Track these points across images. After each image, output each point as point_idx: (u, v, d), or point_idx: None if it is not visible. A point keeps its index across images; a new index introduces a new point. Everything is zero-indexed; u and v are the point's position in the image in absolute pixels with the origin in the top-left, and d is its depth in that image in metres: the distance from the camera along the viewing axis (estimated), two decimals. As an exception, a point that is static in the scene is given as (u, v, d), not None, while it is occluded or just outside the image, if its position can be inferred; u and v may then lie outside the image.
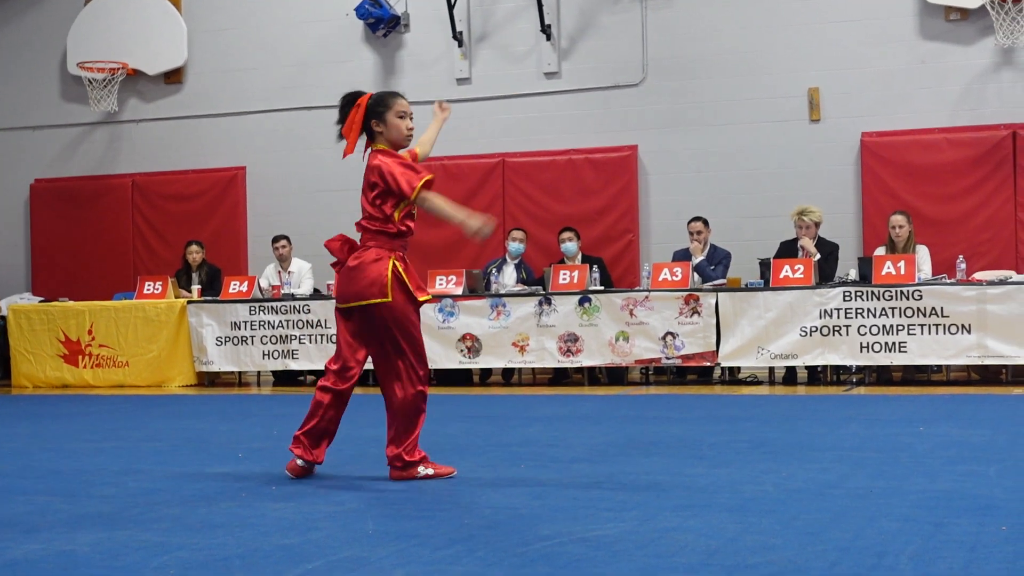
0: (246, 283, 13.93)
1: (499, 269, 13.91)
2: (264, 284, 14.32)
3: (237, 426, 9.30)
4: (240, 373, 14.22)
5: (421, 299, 6.09)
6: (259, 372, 14.11)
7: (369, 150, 6.21)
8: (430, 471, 5.98)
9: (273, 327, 13.49)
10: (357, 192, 16.90)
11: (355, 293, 5.98)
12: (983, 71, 14.12)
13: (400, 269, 5.99)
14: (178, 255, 15.57)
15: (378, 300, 5.95)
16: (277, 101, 16.62)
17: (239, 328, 13.60)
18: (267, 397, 12.77)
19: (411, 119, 6.20)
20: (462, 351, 12.83)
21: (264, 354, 13.54)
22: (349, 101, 6.22)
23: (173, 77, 17.13)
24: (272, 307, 13.53)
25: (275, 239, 14.74)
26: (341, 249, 6.15)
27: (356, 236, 6.34)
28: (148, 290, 14.20)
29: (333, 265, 6.26)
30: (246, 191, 16.78)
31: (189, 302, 13.86)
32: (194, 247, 15.02)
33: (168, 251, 16.66)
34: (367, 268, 5.97)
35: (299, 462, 6.09)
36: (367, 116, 6.14)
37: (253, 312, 13.58)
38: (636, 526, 4.61)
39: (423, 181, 5.95)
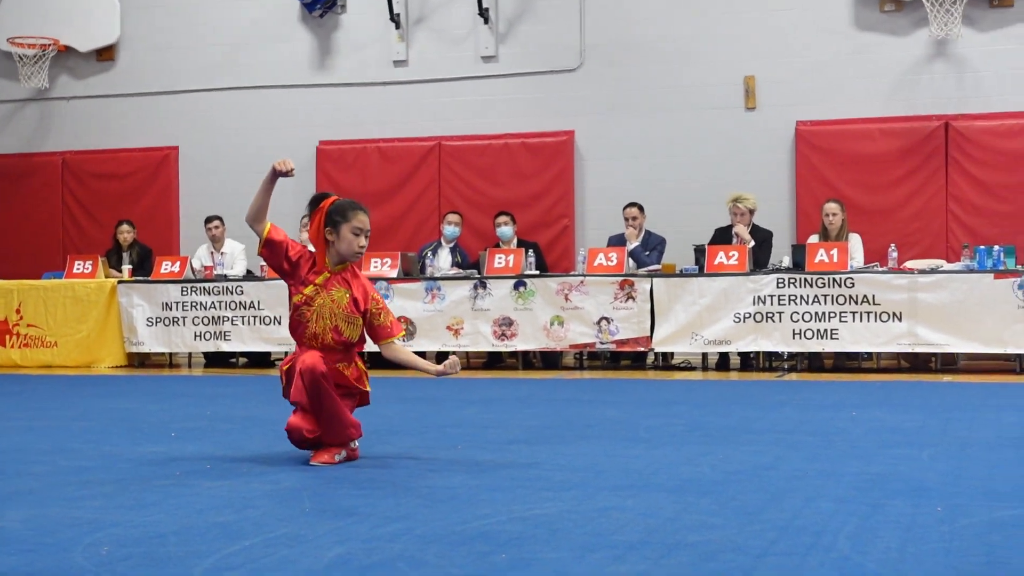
0: (178, 264, 13.79)
1: (434, 252, 13.87)
2: (196, 265, 14.18)
3: (169, 406, 9.20)
4: (171, 354, 14.08)
5: None
6: (190, 353, 13.97)
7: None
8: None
9: (205, 308, 13.36)
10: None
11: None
12: (917, 62, 14.25)
13: None
14: (109, 235, 15.38)
15: None
16: (211, 80, 16.45)
17: (170, 309, 13.46)
18: (199, 378, 12.65)
19: (366, 238, 6.01)
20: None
21: (196, 335, 13.41)
22: (314, 203, 6.15)
23: (105, 54, 16.90)
24: (204, 288, 13.40)
25: (208, 220, 14.60)
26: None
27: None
28: (78, 269, 14.01)
29: None
30: (179, 171, 16.61)
31: (120, 282, 13.70)
32: (125, 227, 14.85)
33: (98, 230, 16.45)
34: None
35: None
36: (326, 221, 6.00)
37: (185, 293, 13.45)
38: (575, 505, 4.60)
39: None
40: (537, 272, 12.81)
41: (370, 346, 6.26)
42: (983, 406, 8.54)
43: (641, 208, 13.52)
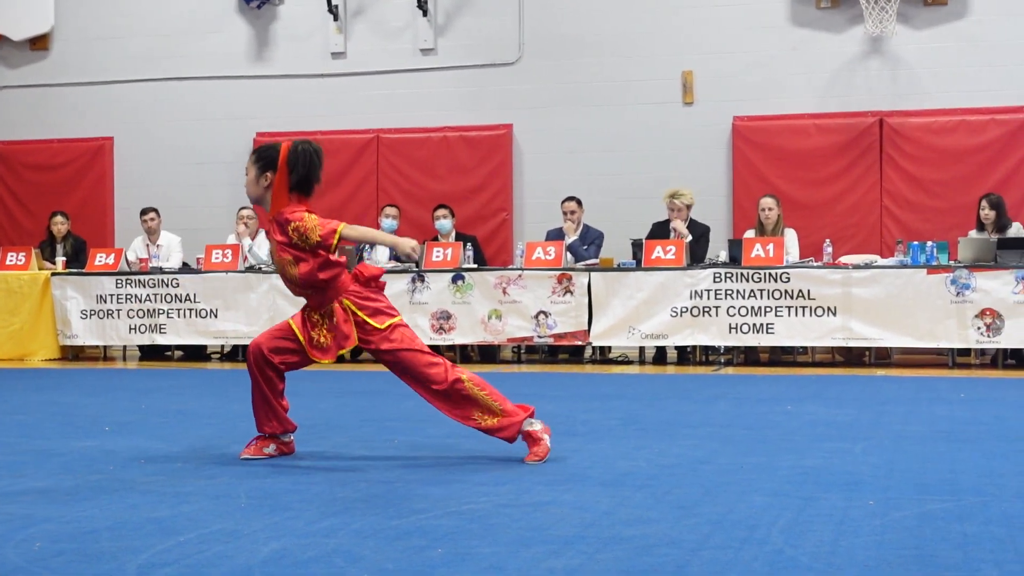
0: (113, 256, 13.65)
1: (372, 246, 13.82)
2: (131, 257, 14.05)
3: (103, 400, 9.12)
4: (105, 347, 13.95)
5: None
6: (125, 346, 13.85)
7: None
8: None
9: (140, 301, 13.25)
10: (226, 164, 16.68)
11: None
12: (852, 59, 14.37)
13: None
14: (42, 226, 15.21)
15: None
16: (147, 71, 16.30)
17: (105, 301, 13.33)
18: (133, 371, 12.54)
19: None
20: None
21: (131, 328, 13.30)
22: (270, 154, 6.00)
23: (39, 43, 16.69)
24: (139, 280, 13.29)
25: (143, 212, 14.46)
26: None
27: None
28: (11, 261, 13.83)
29: None
30: (113, 162, 16.44)
31: (53, 274, 13.55)
32: (59, 218, 14.68)
33: (32, 222, 16.26)
34: None
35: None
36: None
37: (120, 285, 13.32)
38: (511, 499, 4.62)
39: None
40: (475, 266, 12.80)
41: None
42: (916, 400, 8.64)
43: (579, 202, 13.55)
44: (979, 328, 11.41)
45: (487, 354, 13.13)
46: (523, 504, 4.53)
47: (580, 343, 12.44)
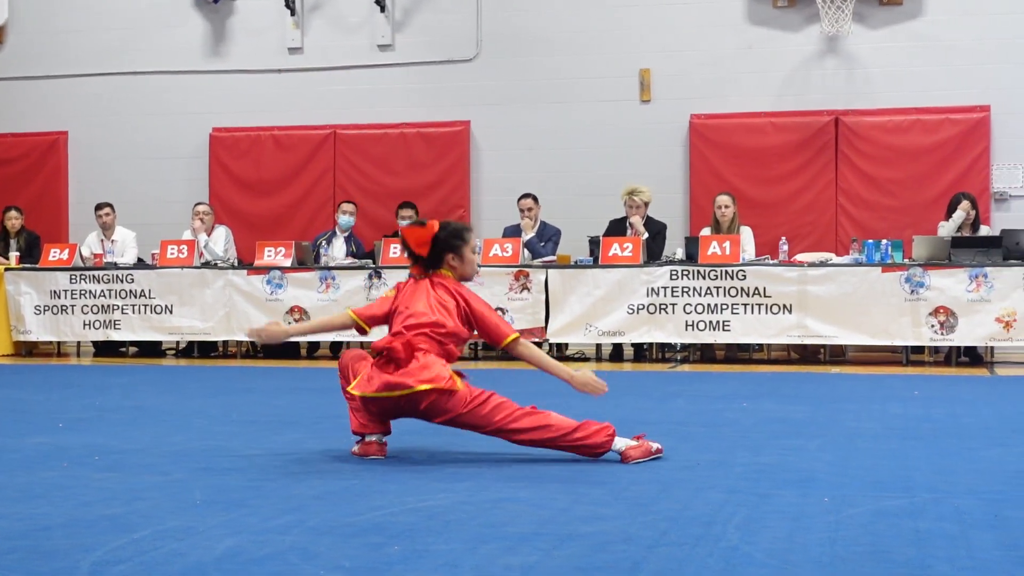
0: (67, 251, 13.55)
1: (329, 242, 13.79)
2: (86, 252, 13.94)
3: (57, 396, 9.05)
4: (59, 343, 13.85)
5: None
6: (79, 342, 13.77)
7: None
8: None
9: (95, 296, 13.16)
10: (182, 160, 16.54)
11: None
12: (808, 58, 14.45)
13: None
14: (-5, 221, 15.08)
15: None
16: (103, 65, 16.19)
17: (59, 297, 13.24)
18: (88, 368, 12.46)
19: None
20: (290, 323, 12.69)
21: (85, 324, 13.21)
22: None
23: (-7, 37, 16.58)
24: (94, 276, 13.20)
25: (98, 207, 14.36)
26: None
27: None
28: (-37, 256, 13.72)
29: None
30: (68, 157, 16.32)
31: (6, 269, 13.44)
32: (12, 213, 14.56)
33: (-15, 216, 16.12)
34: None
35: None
36: (442, 247, 5.81)
37: (74, 281, 13.23)
38: (467, 497, 4.61)
39: (509, 339, 5.90)
40: (432, 262, 12.76)
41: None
42: (870, 397, 8.69)
43: (536, 199, 13.56)
44: (933, 326, 11.51)
45: (444, 351, 13.09)
46: (480, 501, 4.53)
47: (537, 340, 12.42)
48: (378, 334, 6.35)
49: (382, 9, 15.38)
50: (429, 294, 5.78)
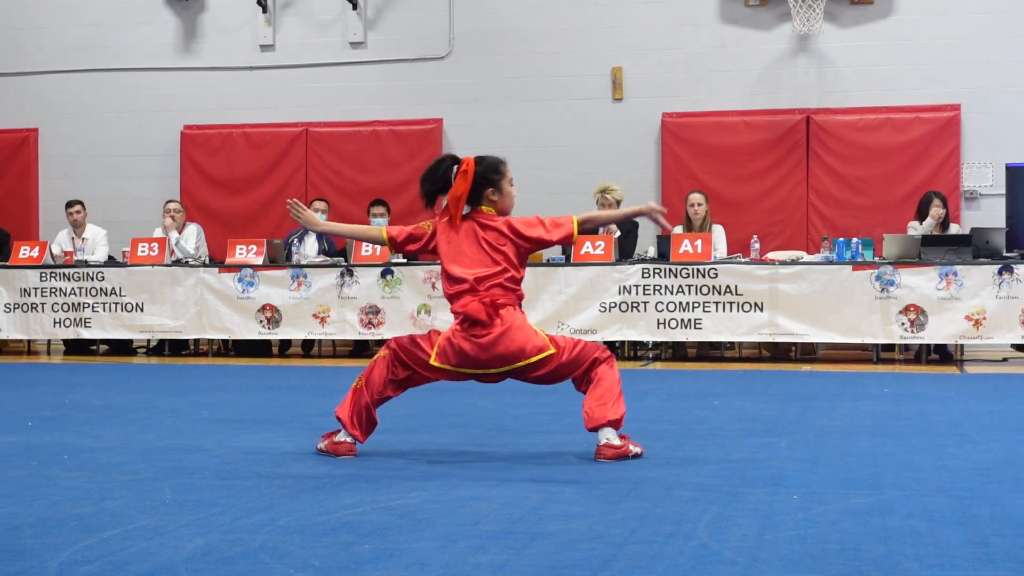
0: (37, 249, 13.48)
1: (300, 240, 13.76)
2: (56, 250, 13.87)
3: (26, 395, 9.01)
4: (29, 341, 13.78)
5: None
6: (49, 340, 13.70)
7: (465, 211, 5.81)
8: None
9: (65, 294, 13.10)
10: (153, 157, 16.48)
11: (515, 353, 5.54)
12: (780, 57, 14.49)
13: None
14: (-35, 218, 15.00)
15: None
16: (73, 62, 16.10)
17: (29, 295, 13.17)
18: (58, 366, 12.41)
19: None
20: (261, 322, 12.67)
21: (55, 322, 13.14)
22: (449, 165, 5.84)
23: (-38, 33, 16.46)
24: (64, 274, 13.14)
25: (69, 204, 14.29)
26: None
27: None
28: (-68, 254, 13.63)
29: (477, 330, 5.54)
30: (38, 154, 16.22)
31: (-24, 267, 13.37)
32: (-18, 210, 14.48)
33: (-46, 214, 16.03)
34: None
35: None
36: (480, 183, 5.78)
37: (44, 279, 13.16)
38: (439, 495, 4.61)
39: (574, 221, 5.88)
40: (404, 260, 12.77)
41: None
42: (840, 395, 8.73)
43: (508, 197, 13.54)
44: (903, 324, 11.56)
45: (416, 349, 13.08)
46: (451, 500, 4.53)
47: (509, 338, 12.43)
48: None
49: (354, 7, 15.35)
50: (480, 239, 5.67)
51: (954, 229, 12.70)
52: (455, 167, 5.77)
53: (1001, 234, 11.95)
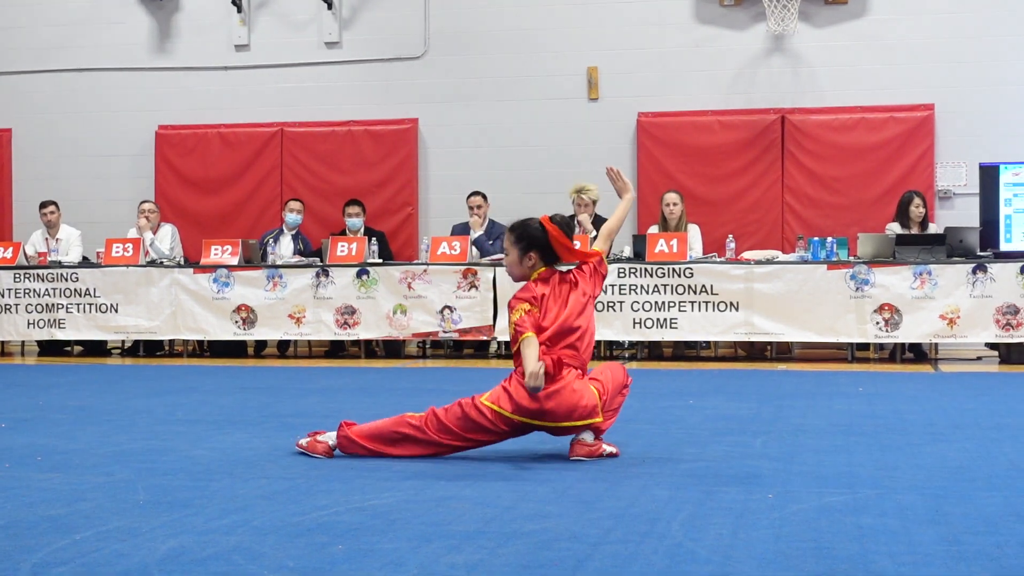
0: (11, 249, 13.41)
1: (276, 240, 13.73)
2: (30, 251, 13.81)
3: (0, 396, 8.96)
4: (3, 342, 13.71)
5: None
6: (23, 342, 13.63)
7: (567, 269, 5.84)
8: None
9: (39, 295, 13.04)
10: (128, 157, 16.44)
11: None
12: (755, 57, 14.52)
13: None
14: (-62, 219, 14.91)
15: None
16: (47, 62, 16.02)
17: (3, 296, 13.10)
18: (31, 367, 12.35)
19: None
20: (237, 322, 12.64)
21: (29, 323, 13.07)
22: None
23: (-66, 33, 16.36)
24: (38, 274, 13.07)
25: (42, 205, 14.22)
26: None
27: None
28: (-96, 255, 13.54)
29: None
30: (12, 154, 16.14)
31: (-51, 268, 13.30)
32: (-45, 211, 14.40)
33: (-73, 215, 15.94)
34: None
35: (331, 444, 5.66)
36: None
37: (18, 279, 13.10)
38: (412, 495, 4.61)
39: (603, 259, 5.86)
40: (380, 260, 12.76)
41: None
42: (815, 394, 8.75)
43: (485, 197, 13.57)
44: (878, 323, 11.60)
45: (392, 349, 13.10)
46: (425, 499, 4.52)
47: (485, 338, 12.45)
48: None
49: (329, 6, 15.32)
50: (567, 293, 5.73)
51: (932, 229, 12.74)
52: None
53: (975, 233, 12.00)
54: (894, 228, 12.54)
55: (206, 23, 15.73)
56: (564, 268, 5.80)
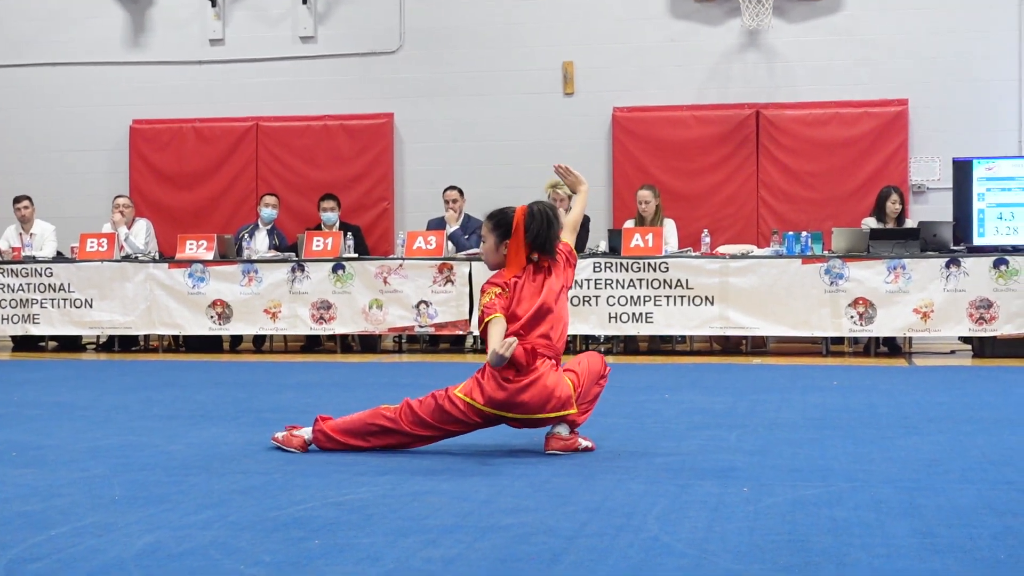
0: (-16, 244, 13.37)
1: (251, 235, 13.70)
2: (4, 246, 13.76)
3: (-26, 392, 8.93)
4: (-23, 338, 13.66)
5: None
6: (-3, 337, 13.59)
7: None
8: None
9: (13, 290, 12.98)
10: (102, 152, 16.39)
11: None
12: (730, 51, 14.56)
13: None
14: (-90, 214, 14.83)
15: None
16: (20, 55, 15.95)
17: (-24, 291, 13.05)
18: (6, 363, 12.29)
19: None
20: (212, 317, 12.61)
21: (3, 318, 13.02)
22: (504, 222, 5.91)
23: (-94, 27, 16.26)
24: (12, 270, 13.02)
25: (16, 199, 14.16)
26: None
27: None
28: None
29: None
30: (-15, 149, 16.08)
31: (-78, 263, 13.23)
32: (-72, 206, 14.32)
33: (-101, 210, 15.84)
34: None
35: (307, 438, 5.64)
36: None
37: (-9, 275, 13.05)
38: (389, 490, 4.61)
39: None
40: (356, 255, 12.75)
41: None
42: (790, 388, 8.79)
43: (461, 191, 13.58)
44: (852, 317, 11.65)
45: (368, 344, 13.09)
46: (401, 494, 4.53)
47: (461, 332, 12.46)
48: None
49: (304, 1, 15.29)
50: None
51: (907, 224, 12.79)
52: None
53: (948, 227, 12.07)
54: (870, 223, 12.59)
55: (181, 17, 15.68)
56: (537, 258, 5.78)
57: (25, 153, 15.90)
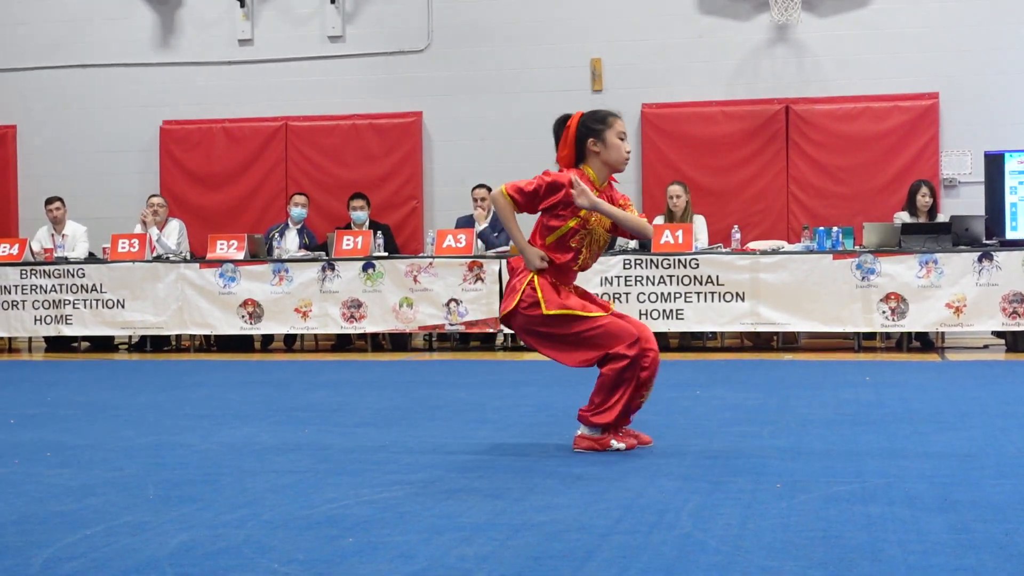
0: (17, 246, 13.43)
1: (281, 234, 13.74)
2: (36, 247, 13.83)
3: (8, 393, 8.98)
4: (10, 339, 13.73)
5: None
6: (30, 338, 13.65)
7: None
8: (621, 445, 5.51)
9: (45, 291, 13.06)
10: (133, 153, 16.52)
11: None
12: (758, 47, 14.51)
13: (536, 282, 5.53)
14: (-57, 216, 14.93)
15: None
16: (52, 57, 16.03)
17: (9, 292, 13.12)
18: (39, 363, 12.37)
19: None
20: (243, 317, 12.65)
21: (36, 319, 13.09)
22: (561, 123, 5.81)
23: (-62, 30, 16.37)
24: (44, 271, 13.09)
25: (48, 201, 14.24)
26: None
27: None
28: (-89, 252, 13.57)
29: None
30: (16, 150, 16.15)
31: (-45, 265, 13.31)
32: (-39, 208, 14.42)
33: (-68, 212, 15.95)
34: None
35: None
36: (582, 135, 5.68)
37: (24, 276, 13.11)
38: (421, 488, 4.61)
39: (510, 185, 5.62)
40: (386, 254, 12.77)
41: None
42: (822, 384, 8.75)
43: (490, 189, 13.56)
44: (884, 312, 11.60)
45: (398, 343, 13.11)
46: (435, 492, 4.53)
47: (491, 330, 12.46)
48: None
49: (332, 0, 15.32)
50: None
51: (939, 218, 12.73)
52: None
53: (980, 221, 12.00)
54: (902, 217, 12.53)
55: (209, 18, 15.73)
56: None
57: (56, 155, 15.99)
